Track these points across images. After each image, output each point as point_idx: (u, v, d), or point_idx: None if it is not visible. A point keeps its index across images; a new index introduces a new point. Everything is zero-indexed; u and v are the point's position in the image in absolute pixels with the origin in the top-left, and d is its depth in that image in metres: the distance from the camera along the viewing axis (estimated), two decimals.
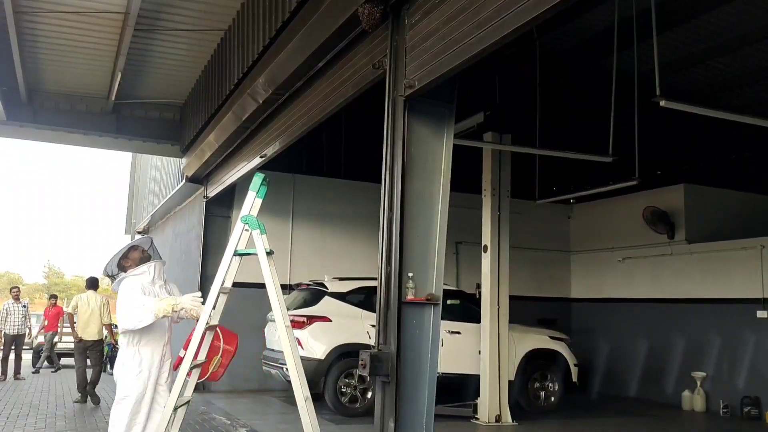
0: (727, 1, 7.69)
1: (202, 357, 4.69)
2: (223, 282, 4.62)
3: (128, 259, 4.99)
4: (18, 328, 13.69)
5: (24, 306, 14.23)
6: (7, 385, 12.45)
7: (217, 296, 4.59)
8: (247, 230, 4.77)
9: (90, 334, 10.23)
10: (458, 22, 4.29)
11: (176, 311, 4.67)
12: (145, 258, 5.01)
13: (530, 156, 9.84)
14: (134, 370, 4.75)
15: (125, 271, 4.94)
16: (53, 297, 16.56)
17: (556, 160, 9.69)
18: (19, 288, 15.04)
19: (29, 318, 14.50)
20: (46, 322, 15.42)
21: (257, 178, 4.79)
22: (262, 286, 4.64)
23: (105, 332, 10.98)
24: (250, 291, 7.48)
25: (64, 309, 15.03)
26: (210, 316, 4.57)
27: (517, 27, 3.77)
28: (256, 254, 4.66)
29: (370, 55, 5.49)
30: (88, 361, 10.23)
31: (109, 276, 5.10)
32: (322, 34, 5.82)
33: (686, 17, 8.11)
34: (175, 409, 4.56)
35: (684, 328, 11.65)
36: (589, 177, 10.51)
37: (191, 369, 4.60)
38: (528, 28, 3.81)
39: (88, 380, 10.10)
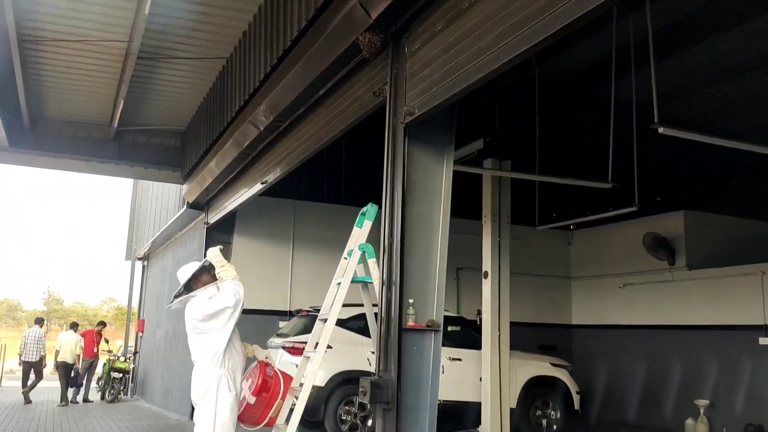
0: (724, 30, 7.78)
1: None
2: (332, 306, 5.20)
3: (198, 281, 4.94)
4: None
5: None
6: None
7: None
8: (345, 258, 5.27)
9: (68, 359, 14.97)
10: (457, 50, 4.34)
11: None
12: (213, 279, 4.96)
13: (530, 182, 9.87)
14: (230, 392, 4.73)
15: (191, 291, 4.91)
16: (102, 324, 16.61)
17: (556, 186, 9.70)
18: None
19: None
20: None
21: (373, 208, 5.20)
22: (268, 312, 4.98)
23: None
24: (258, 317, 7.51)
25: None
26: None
27: (516, 56, 3.81)
28: (371, 282, 5.05)
29: (370, 82, 5.54)
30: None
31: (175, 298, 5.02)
32: (323, 62, 5.88)
33: (683, 45, 8.18)
34: None
35: (686, 355, 11.58)
36: (589, 203, 10.52)
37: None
38: (526, 56, 3.85)
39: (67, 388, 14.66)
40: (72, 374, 15.16)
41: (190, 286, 4.93)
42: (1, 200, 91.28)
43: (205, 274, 4.97)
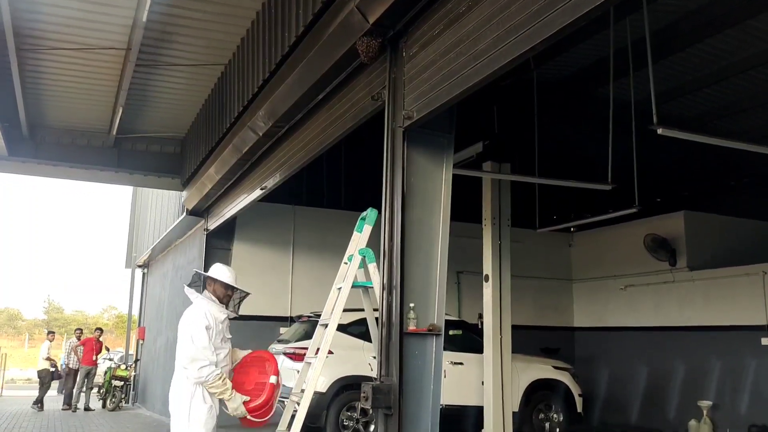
0: (719, 30, 7.79)
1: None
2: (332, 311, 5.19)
3: (212, 286, 4.75)
4: None
5: None
6: None
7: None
8: (345, 263, 5.24)
9: (39, 366, 15.87)
10: (455, 54, 4.34)
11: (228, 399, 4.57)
12: (228, 297, 4.77)
13: (530, 185, 9.86)
14: (206, 406, 4.54)
15: (202, 292, 4.72)
16: (98, 330, 16.56)
17: (556, 188, 9.70)
18: None
19: None
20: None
21: (373, 213, 5.16)
22: (268, 318, 4.92)
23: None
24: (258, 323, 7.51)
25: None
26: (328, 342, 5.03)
27: (513, 58, 3.81)
28: (371, 286, 5.03)
29: (368, 87, 5.54)
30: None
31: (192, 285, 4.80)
32: (321, 67, 5.88)
33: (681, 46, 8.20)
34: None
35: (688, 356, 11.56)
36: (589, 205, 10.52)
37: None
38: (524, 59, 3.85)
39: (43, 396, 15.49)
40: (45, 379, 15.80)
41: (207, 282, 4.75)
42: (0, 208, 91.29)
43: (224, 289, 4.75)
